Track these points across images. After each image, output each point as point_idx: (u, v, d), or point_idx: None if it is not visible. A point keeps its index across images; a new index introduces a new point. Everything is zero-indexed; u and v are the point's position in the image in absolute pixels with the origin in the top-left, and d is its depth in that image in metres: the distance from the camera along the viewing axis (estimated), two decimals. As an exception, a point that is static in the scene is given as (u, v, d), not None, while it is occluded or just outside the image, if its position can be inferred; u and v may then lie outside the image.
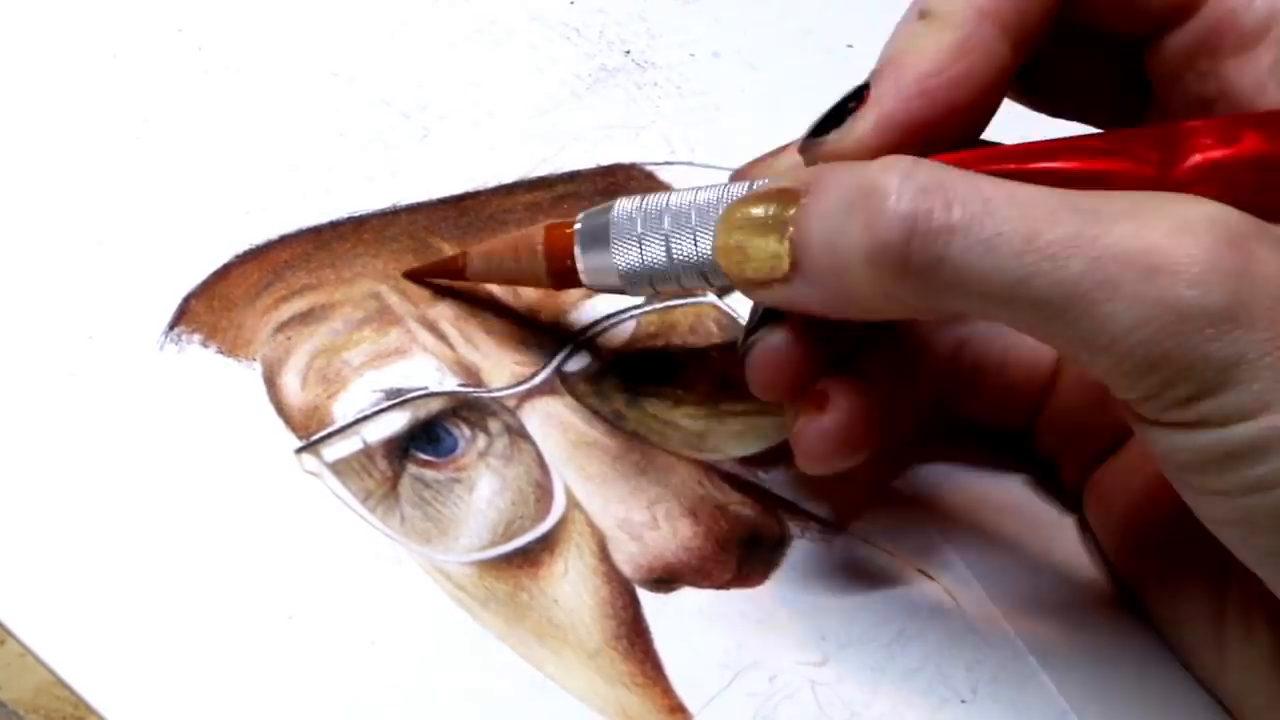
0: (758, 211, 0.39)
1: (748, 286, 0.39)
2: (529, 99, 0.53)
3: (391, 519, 0.42)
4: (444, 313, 0.46)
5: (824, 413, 0.40)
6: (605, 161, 0.51)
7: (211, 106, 0.50)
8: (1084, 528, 0.45)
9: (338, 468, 0.43)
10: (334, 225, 0.48)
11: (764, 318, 0.41)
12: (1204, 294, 0.33)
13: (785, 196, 0.38)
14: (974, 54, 0.38)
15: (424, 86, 0.52)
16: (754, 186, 0.40)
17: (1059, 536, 0.46)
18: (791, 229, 0.38)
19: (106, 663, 0.39)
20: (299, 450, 0.43)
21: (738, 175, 0.43)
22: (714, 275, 0.41)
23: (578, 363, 0.46)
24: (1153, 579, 0.43)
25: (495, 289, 0.47)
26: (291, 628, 0.40)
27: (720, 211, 0.40)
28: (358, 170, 0.49)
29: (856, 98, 0.39)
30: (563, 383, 0.46)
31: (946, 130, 0.39)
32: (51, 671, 0.38)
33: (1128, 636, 0.44)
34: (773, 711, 0.41)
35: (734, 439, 0.46)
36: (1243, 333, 0.33)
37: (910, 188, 0.36)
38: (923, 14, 0.39)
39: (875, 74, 0.39)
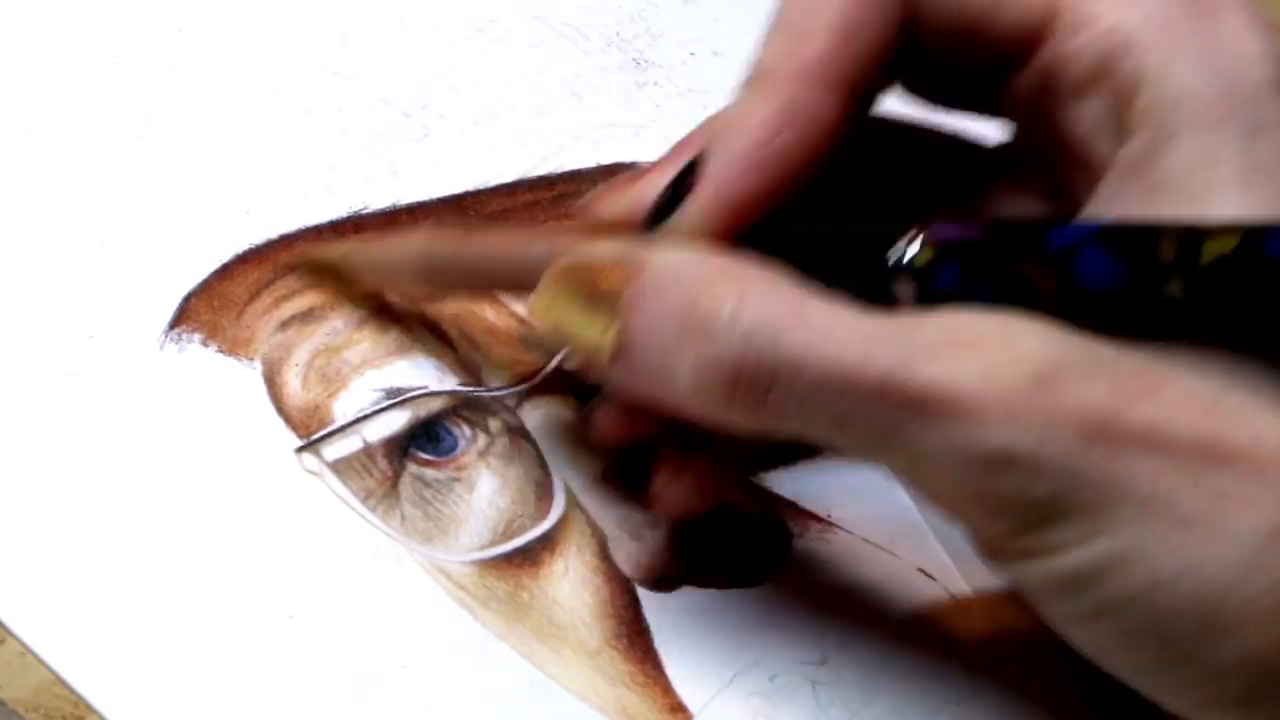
0: (583, 286, 0.38)
1: (572, 356, 0.39)
2: (529, 98, 0.53)
3: (392, 518, 0.42)
4: (444, 312, 0.46)
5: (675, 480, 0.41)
6: (605, 161, 0.51)
7: (212, 106, 0.50)
8: None
9: (338, 467, 0.43)
10: (334, 225, 0.48)
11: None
12: (1011, 436, 0.33)
13: (614, 277, 0.37)
14: (800, 118, 0.37)
15: (424, 86, 0.52)
16: (583, 249, 0.39)
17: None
18: (618, 323, 0.37)
19: (106, 662, 0.39)
20: (299, 449, 0.43)
21: (579, 209, 0.42)
22: None
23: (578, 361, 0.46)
24: None
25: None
26: (292, 627, 0.40)
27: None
28: (358, 169, 0.49)
29: (683, 181, 0.38)
30: (563, 382, 0.46)
31: (785, 194, 0.38)
32: (51, 670, 0.38)
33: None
34: (773, 711, 0.41)
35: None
36: (1052, 471, 0.33)
37: (738, 329, 0.35)
38: (749, 80, 0.38)
39: (703, 153, 0.38)
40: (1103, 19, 0.36)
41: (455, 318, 0.46)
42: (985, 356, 0.34)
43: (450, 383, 0.45)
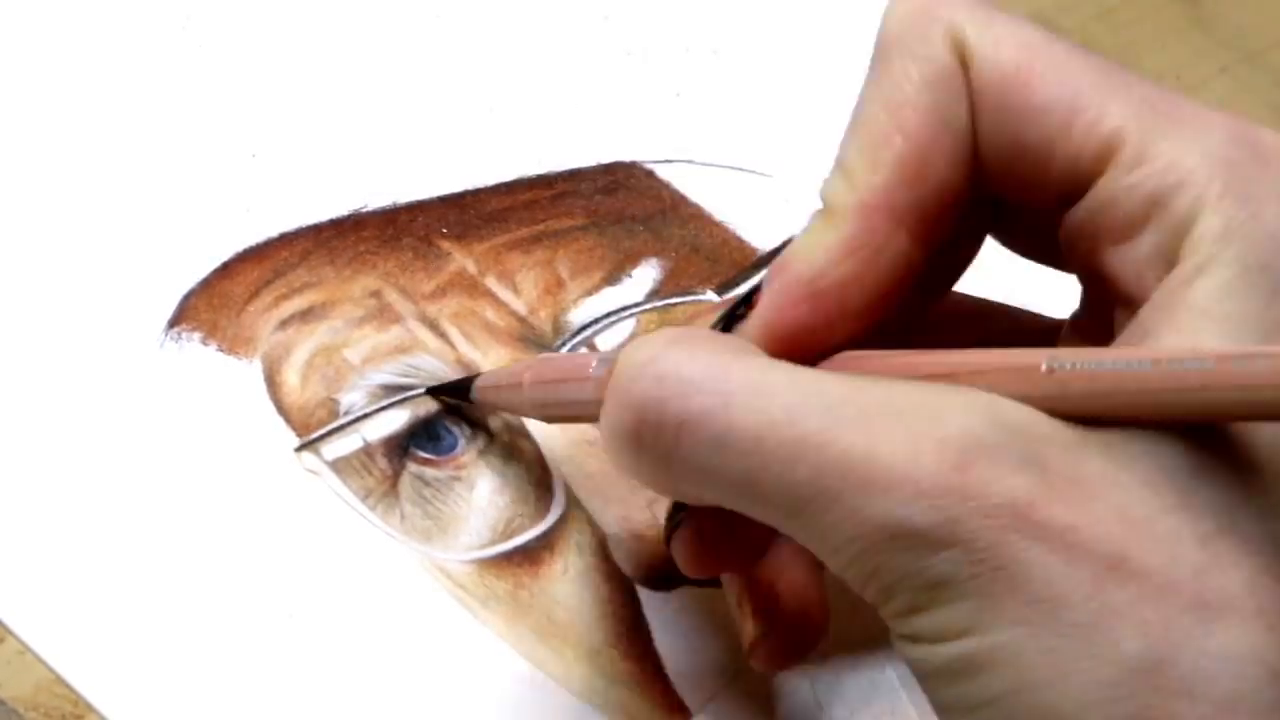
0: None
1: None
2: (529, 97, 0.53)
3: (391, 517, 0.42)
4: (444, 311, 0.46)
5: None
6: (605, 160, 0.51)
7: (212, 104, 0.50)
8: None
9: (338, 466, 0.43)
10: (334, 223, 0.48)
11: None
12: (917, 513, 0.32)
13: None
14: (862, 252, 0.36)
15: (423, 84, 0.52)
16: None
17: None
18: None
19: (106, 661, 0.39)
20: (299, 448, 0.43)
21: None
22: None
23: (577, 361, 0.46)
24: None
25: (495, 286, 0.47)
26: (291, 626, 0.40)
27: None
28: (358, 168, 0.49)
29: (746, 303, 0.37)
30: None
31: (844, 331, 0.37)
32: (51, 669, 0.38)
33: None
34: (773, 711, 0.41)
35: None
36: (952, 553, 0.32)
37: (648, 374, 0.34)
38: (822, 205, 0.37)
39: (766, 277, 0.37)
40: (1162, 155, 0.36)
41: (455, 317, 0.46)
42: (911, 429, 0.33)
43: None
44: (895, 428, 0.33)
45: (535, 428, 0.44)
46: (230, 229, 0.47)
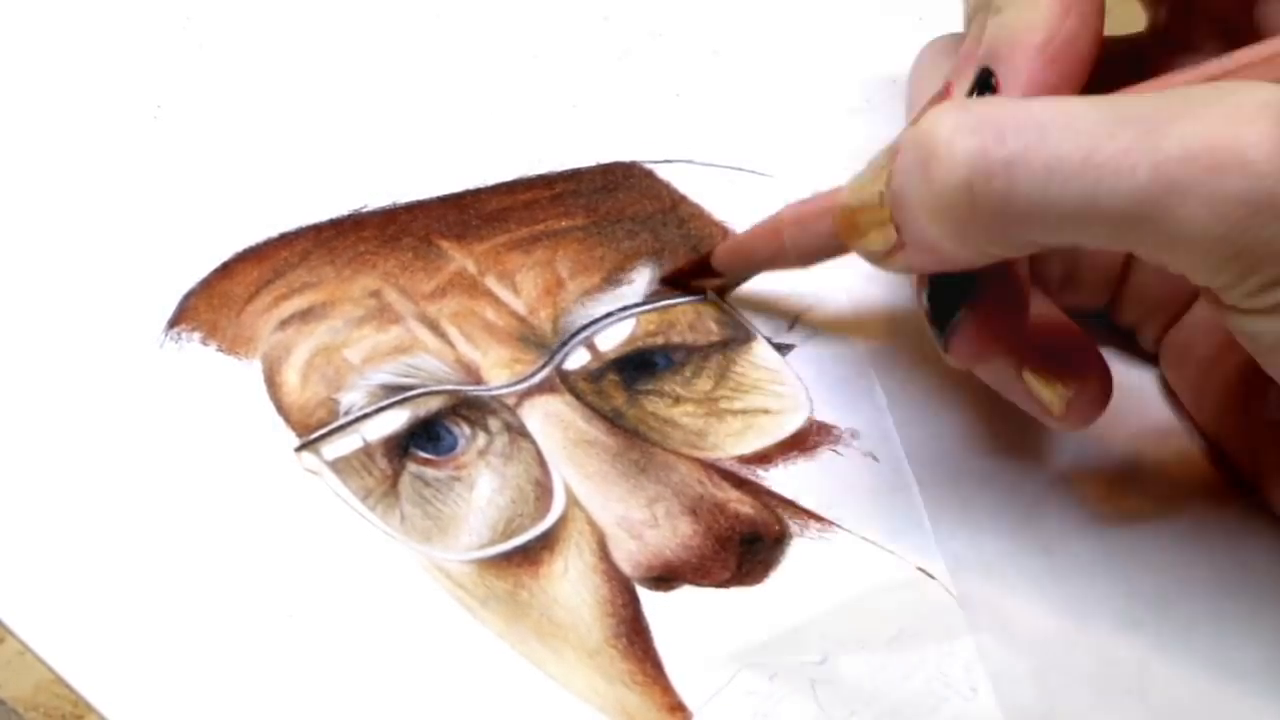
0: (863, 185, 0.39)
1: (871, 260, 0.39)
2: (528, 96, 0.53)
3: (391, 517, 0.42)
4: (444, 310, 0.46)
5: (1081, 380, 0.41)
6: (605, 159, 0.51)
7: (212, 104, 0.50)
8: (1165, 386, 0.47)
9: (337, 466, 0.43)
10: (334, 223, 0.48)
11: (939, 305, 0.41)
12: (1272, 183, 0.33)
13: (881, 169, 0.38)
14: (1078, 6, 0.39)
15: (423, 84, 0.52)
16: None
17: (1143, 397, 0.47)
18: (885, 197, 0.38)
19: (106, 661, 0.39)
20: (299, 448, 0.43)
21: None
22: None
23: (577, 360, 0.46)
24: (1234, 429, 0.45)
25: (494, 286, 0.47)
26: (291, 626, 0.40)
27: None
28: (358, 168, 0.49)
29: (985, 87, 0.39)
30: (562, 381, 0.46)
31: (1079, 87, 0.39)
32: (51, 669, 0.38)
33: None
34: (772, 710, 0.41)
35: (733, 437, 0.46)
36: None
37: (960, 129, 0.35)
38: None
39: (990, 59, 0.39)
40: None
41: (455, 317, 0.46)
42: (1229, 109, 0.34)
43: (450, 381, 0.45)
44: (1216, 113, 0.34)
45: (534, 427, 0.44)
46: (230, 229, 0.47)
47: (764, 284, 0.48)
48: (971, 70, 0.41)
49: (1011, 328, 0.41)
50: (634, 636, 0.41)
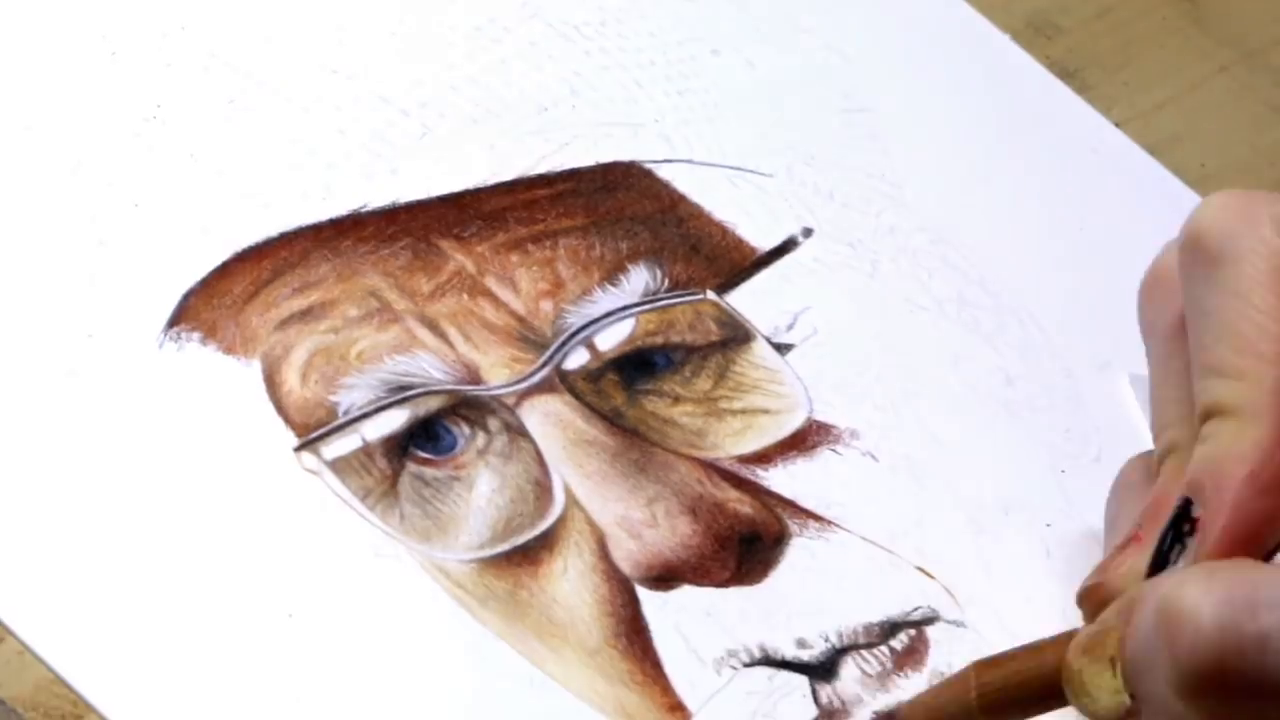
0: (1093, 645, 0.37)
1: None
2: (528, 96, 0.53)
3: (391, 517, 0.42)
4: (443, 310, 0.46)
5: None
6: (604, 159, 0.51)
7: (212, 104, 0.50)
8: None
9: (337, 465, 0.43)
10: (334, 223, 0.48)
11: None
12: None
13: (1111, 630, 0.37)
14: None
15: (423, 84, 0.52)
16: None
17: None
18: (1119, 663, 0.36)
19: (105, 660, 0.39)
20: (298, 448, 0.43)
21: (1084, 595, 0.41)
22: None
23: (576, 360, 0.46)
24: None
25: (494, 286, 0.47)
26: (291, 626, 0.40)
27: None
28: (357, 168, 0.49)
29: (1185, 518, 0.38)
30: (561, 380, 0.46)
31: None
32: (50, 669, 0.38)
33: None
34: (772, 710, 0.41)
35: (733, 437, 0.46)
36: None
37: (1210, 601, 0.34)
38: (1213, 413, 0.38)
39: (1193, 489, 0.38)
40: None
41: (454, 317, 0.46)
42: None
43: (450, 381, 0.45)
44: None
45: (534, 427, 0.44)
46: (230, 229, 0.47)
47: (764, 284, 0.48)
48: (1166, 516, 0.39)
49: None
50: (633, 636, 0.41)
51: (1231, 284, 0.38)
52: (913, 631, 0.42)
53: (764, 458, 0.45)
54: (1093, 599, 0.40)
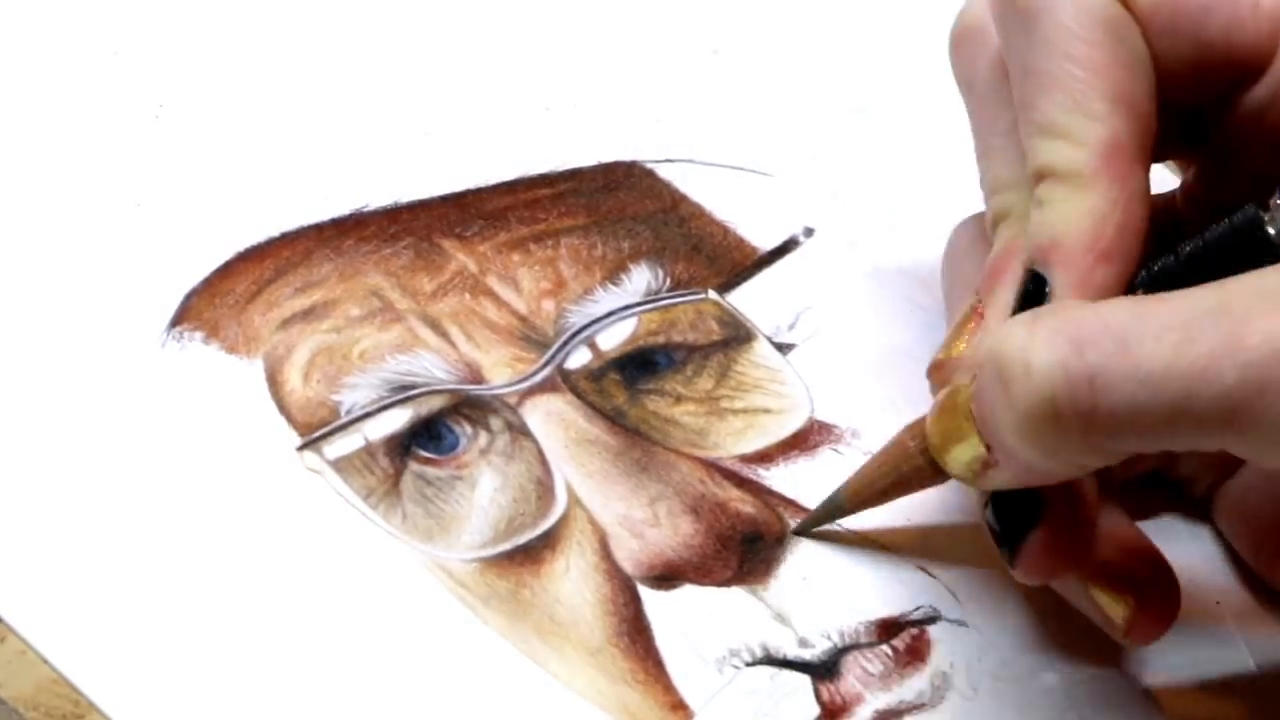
0: (947, 406, 0.38)
1: (966, 481, 0.39)
2: (529, 96, 0.53)
3: (393, 516, 0.42)
4: (445, 310, 0.46)
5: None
6: (606, 159, 0.51)
7: (213, 104, 0.50)
8: (1218, 536, 0.45)
9: (339, 465, 0.43)
10: (336, 222, 0.48)
11: (1005, 524, 0.40)
12: None
13: (962, 388, 0.38)
14: (1122, 199, 0.38)
15: (425, 84, 0.52)
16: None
17: (1195, 548, 0.45)
18: (972, 418, 0.37)
19: (107, 660, 0.39)
20: (300, 447, 0.43)
21: (933, 370, 0.42)
22: None
23: (578, 359, 0.46)
24: None
25: (496, 285, 0.47)
26: (293, 625, 0.40)
27: None
28: (359, 167, 0.49)
29: (1039, 294, 0.38)
30: (564, 380, 0.46)
31: (1131, 276, 0.38)
32: (52, 668, 0.38)
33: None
34: (772, 710, 0.41)
35: (735, 436, 0.46)
36: None
37: (1038, 344, 0.35)
38: (1044, 175, 0.38)
39: (1038, 263, 0.38)
40: None
41: (456, 316, 0.46)
42: None
43: (452, 380, 0.45)
44: None
45: (536, 426, 0.45)
46: (232, 228, 0.47)
47: (766, 283, 0.48)
48: (1005, 283, 0.40)
49: (1079, 545, 0.40)
50: (635, 635, 0.41)
51: (1051, 36, 0.38)
52: (914, 630, 0.42)
53: (766, 457, 0.45)
54: (940, 374, 0.40)
